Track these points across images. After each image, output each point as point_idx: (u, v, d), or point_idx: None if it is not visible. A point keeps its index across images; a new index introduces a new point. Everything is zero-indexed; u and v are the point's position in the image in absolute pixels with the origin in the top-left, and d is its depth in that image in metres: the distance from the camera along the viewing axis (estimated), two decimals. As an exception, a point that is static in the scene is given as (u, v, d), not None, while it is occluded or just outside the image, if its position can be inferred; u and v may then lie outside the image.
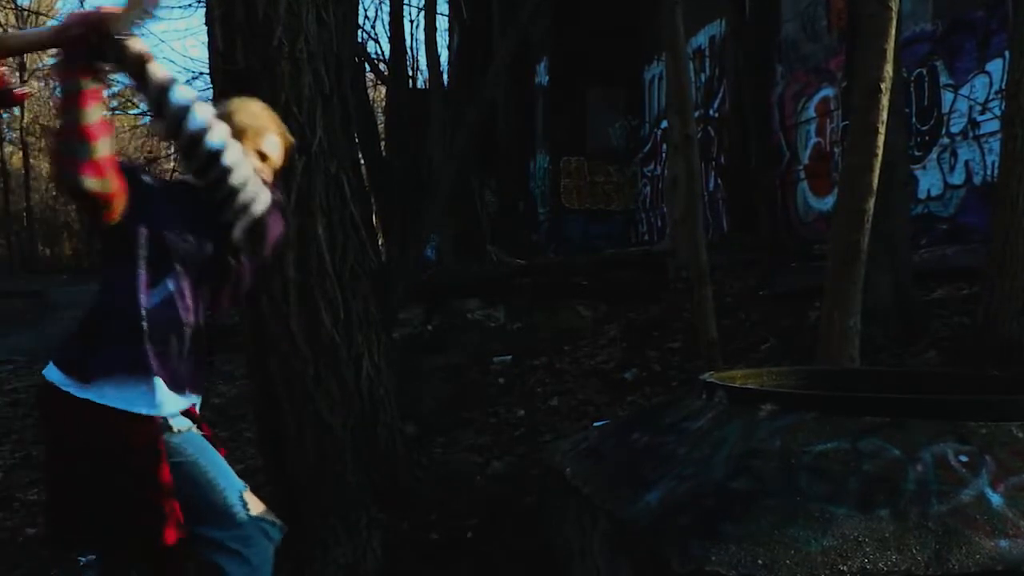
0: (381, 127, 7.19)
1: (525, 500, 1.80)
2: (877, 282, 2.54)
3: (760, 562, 0.92)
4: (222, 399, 3.45)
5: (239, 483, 1.12)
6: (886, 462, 1.02)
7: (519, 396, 3.10)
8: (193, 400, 1.12)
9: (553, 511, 1.45)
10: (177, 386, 1.06)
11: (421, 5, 7.74)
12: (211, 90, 1.76)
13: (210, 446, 1.12)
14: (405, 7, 7.15)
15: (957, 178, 4.26)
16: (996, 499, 0.97)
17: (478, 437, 2.59)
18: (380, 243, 5.73)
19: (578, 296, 4.48)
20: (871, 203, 1.74)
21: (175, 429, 1.06)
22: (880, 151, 1.73)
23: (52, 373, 1.04)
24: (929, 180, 4.42)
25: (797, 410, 1.15)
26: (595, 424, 1.86)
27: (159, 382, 1.04)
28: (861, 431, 1.07)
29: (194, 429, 1.10)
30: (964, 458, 1.02)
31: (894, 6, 1.74)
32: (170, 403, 1.06)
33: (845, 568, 0.91)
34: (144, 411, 1.02)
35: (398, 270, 3.34)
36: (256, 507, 1.12)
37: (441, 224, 5.48)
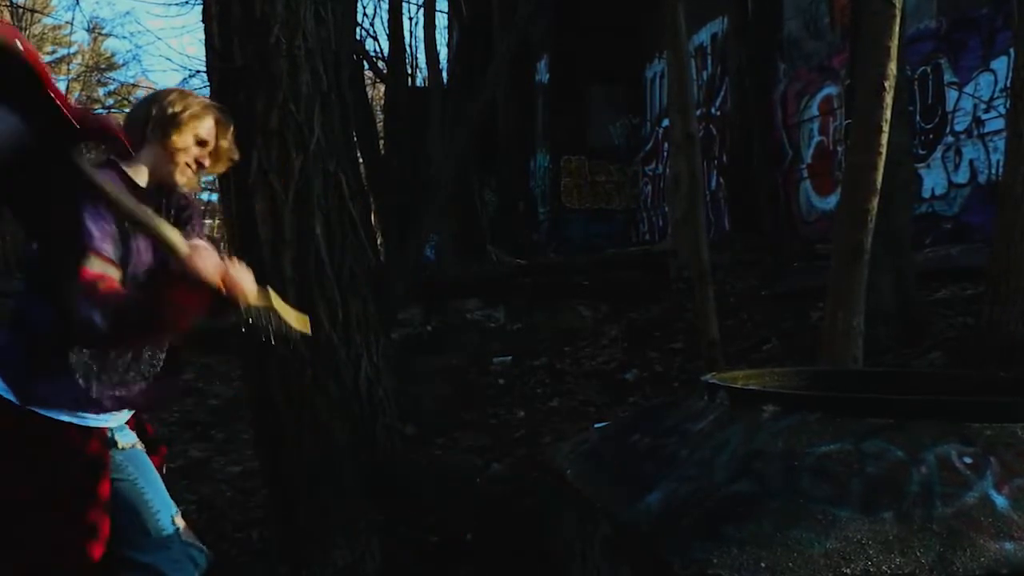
0: (380, 126, 7.19)
1: (525, 502, 1.79)
2: (880, 282, 2.52)
3: (763, 564, 0.91)
4: (219, 400, 3.44)
5: (172, 506, 1.09)
6: (889, 464, 1.01)
7: (519, 397, 3.09)
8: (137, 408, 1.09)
9: (553, 513, 1.44)
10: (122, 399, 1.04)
11: (420, 3, 7.75)
12: (208, 88, 1.75)
13: (150, 465, 1.09)
14: (404, 5, 7.15)
15: (961, 177, 4.24)
16: (1001, 501, 0.96)
17: (478, 438, 2.58)
18: (379, 243, 5.73)
19: (579, 296, 4.47)
20: (875, 202, 1.72)
21: (120, 445, 1.03)
22: (884, 150, 1.72)
23: None
24: (933, 179, 4.40)
25: (800, 411, 1.14)
26: (596, 425, 1.84)
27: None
28: (864, 432, 1.06)
29: (138, 445, 1.07)
30: (968, 459, 1.01)
31: (898, 3, 1.73)
32: (115, 417, 1.03)
33: (848, 571, 0.90)
34: (92, 423, 0.99)
35: (397, 270, 3.33)
36: (186, 532, 1.09)
37: (440, 224, 5.48)
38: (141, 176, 1.08)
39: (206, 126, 1.10)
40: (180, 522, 1.09)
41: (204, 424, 2.99)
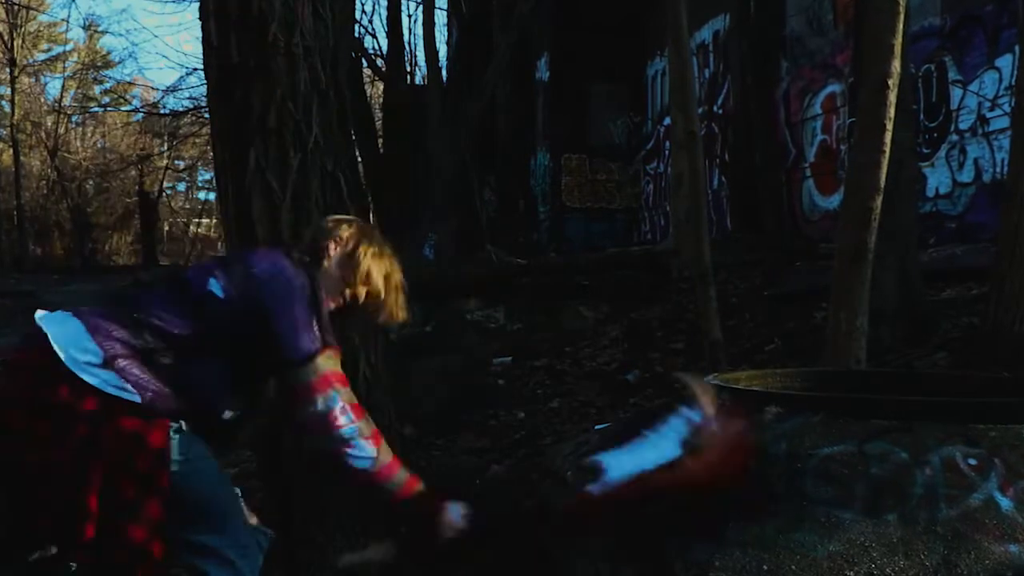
0: (379, 124, 7.19)
1: (525, 504, 1.78)
2: (884, 282, 2.51)
3: (765, 567, 0.91)
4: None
5: (235, 489, 1.09)
6: (894, 466, 1.00)
7: (519, 398, 3.08)
8: None
9: (553, 515, 1.43)
10: None
11: (419, 0, 7.73)
12: (206, 86, 1.74)
13: (208, 451, 1.07)
14: (403, 2, 7.15)
15: (966, 176, 4.23)
16: (1006, 503, 0.95)
17: (477, 440, 2.58)
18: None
19: (579, 296, 4.46)
20: (878, 201, 1.71)
21: (185, 428, 1.01)
22: (888, 148, 1.70)
23: (63, 340, 0.93)
24: (938, 178, 4.38)
25: (802, 413, 1.12)
26: (596, 427, 1.83)
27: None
28: (868, 434, 1.05)
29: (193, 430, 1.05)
30: (973, 461, 1.00)
31: (901, 0, 1.71)
32: None
33: (852, 574, 0.89)
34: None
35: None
36: (249, 515, 1.09)
37: (440, 223, 5.47)
38: None
39: (388, 274, 1.16)
40: (244, 506, 1.08)
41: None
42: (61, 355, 0.94)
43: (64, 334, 0.96)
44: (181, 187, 17.85)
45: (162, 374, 0.97)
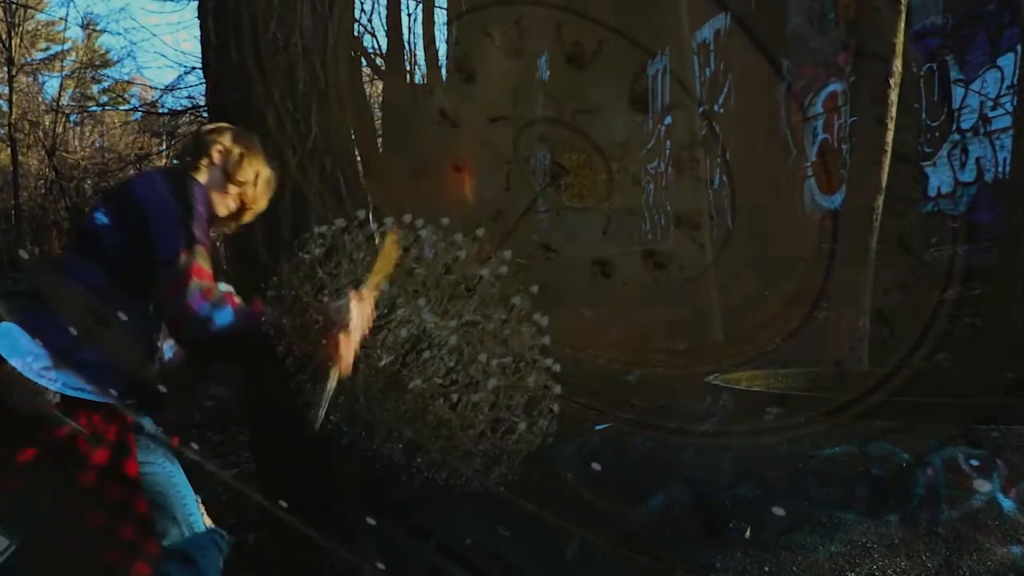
0: (378, 123, 7.18)
1: (526, 506, 1.77)
2: (886, 282, 2.50)
3: (767, 569, 0.90)
4: (216, 402, 3.43)
5: (193, 492, 1.11)
6: (895, 466, 1.00)
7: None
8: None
9: (554, 517, 1.43)
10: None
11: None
12: (204, 85, 1.74)
13: (172, 454, 1.09)
14: (403, 1, 7.13)
15: (968, 175, 4.21)
16: (1008, 504, 0.95)
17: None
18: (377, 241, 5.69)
19: (580, 296, 4.45)
20: (880, 201, 1.71)
21: (147, 430, 1.03)
22: (889, 147, 1.70)
23: (13, 352, 0.95)
24: (939, 177, 4.37)
25: (804, 413, 1.12)
26: (597, 427, 1.83)
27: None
28: (870, 435, 1.05)
29: (160, 433, 1.07)
30: (975, 462, 1.00)
31: (903, -2, 1.71)
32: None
33: (853, 575, 0.89)
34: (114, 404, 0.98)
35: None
36: (207, 518, 1.11)
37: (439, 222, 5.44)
38: None
39: (266, 172, 1.21)
40: (202, 508, 1.10)
41: (199, 426, 2.98)
42: (17, 366, 0.95)
43: (12, 344, 0.97)
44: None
45: (107, 343, 0.99)
